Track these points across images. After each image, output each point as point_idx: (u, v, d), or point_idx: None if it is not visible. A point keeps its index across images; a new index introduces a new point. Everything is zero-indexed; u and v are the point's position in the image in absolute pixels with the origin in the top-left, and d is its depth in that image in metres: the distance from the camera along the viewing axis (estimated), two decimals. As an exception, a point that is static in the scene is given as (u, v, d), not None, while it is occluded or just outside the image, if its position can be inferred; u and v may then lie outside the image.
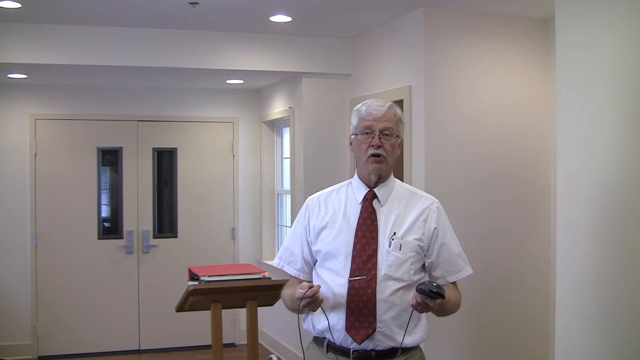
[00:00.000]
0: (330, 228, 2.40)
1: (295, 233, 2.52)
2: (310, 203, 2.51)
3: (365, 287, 2.28)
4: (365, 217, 2.37)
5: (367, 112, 2.38)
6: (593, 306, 2.64)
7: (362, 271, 2.30)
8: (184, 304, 3.73)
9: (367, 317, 2.27)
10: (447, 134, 4.23)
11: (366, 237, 2.34)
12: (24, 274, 6.10)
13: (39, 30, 4.61)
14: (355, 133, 2.42)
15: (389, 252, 2.32)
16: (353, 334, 2.29)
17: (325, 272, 2.39)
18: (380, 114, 2.36)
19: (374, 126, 2.35)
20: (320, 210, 2.46)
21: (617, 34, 2.56)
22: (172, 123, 6.51)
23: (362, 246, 2.32)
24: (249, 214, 6.69)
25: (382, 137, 2.35)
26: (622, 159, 2.52)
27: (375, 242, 2.33)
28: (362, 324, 2.28)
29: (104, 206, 6.42)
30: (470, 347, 4.34)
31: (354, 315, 2.29)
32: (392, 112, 2.39)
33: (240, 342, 6.53)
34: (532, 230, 4.43)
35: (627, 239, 2.50)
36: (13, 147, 6.10)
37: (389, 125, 2.36)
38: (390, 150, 2.37)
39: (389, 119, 2.37)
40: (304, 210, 2.52)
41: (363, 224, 2.36)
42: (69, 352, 6.18)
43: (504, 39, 4.38)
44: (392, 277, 2.30)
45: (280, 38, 5.10)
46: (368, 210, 2.38)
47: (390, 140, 2.37)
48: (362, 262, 2.31)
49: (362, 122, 2.38)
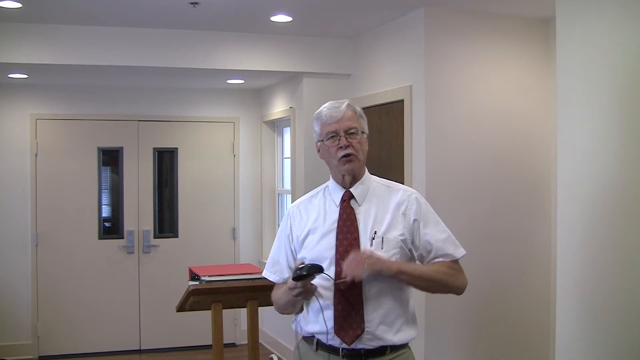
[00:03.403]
0: (313, 234, 2.41)
1: (279, 243, 2.54)
2: (291, 211, 2.53)
3: (350, 288, 2.28)
4: (345, 219, 2.37)
5: (328, 116, 2.38)
6: (593, 305, 2.64)
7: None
8: (185, 304, 3.73)
9: (355, 318, 2.28)
10: (448, 133, 4.22)
11: (347, 238, 2.34)
12: (25, 274, 6.10)
13: (39, 30, 4.61)
14: (320, 140, 2.43)
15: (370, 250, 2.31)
16: (342, 335, 2.29)
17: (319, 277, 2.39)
18: (340, 114, 2.37)
19: (337, 129, 2.36)
20: (302, 217, 2.48)
21: (617, 33, 2.56)
22: (173, 123, 6.51)
23: (345, 248, 2.32)
24: (249, 213, 6.69)
25: (348, 137, 2.36)
26: (622, 160, 2.52)
27: (357, 243, 2.33)
28: (351, 325, 2.28)
29: (105, 206, 6.42)
30: (471, 345, 4.34)
31: (342, 317, 2.29)
32: (352, 110, 2.40)
33: (241, 342, 6.53)
34: (532, 230, 4.43)
35: (626, 238, 2.50)
36: (13, 147, 6.10)
37: (352, 124, 2.37)
38: (359, 147, 2.38)
39: (350, 118, 2.38)
40: (286, 219, 2.54)
41: (343, 225, 2.37)
42: (69, 352, 6.18)
43: (504, 39, 4.37)
44: (377, 277, 2.28)
45: (281, 38, 5.10)
46: (347, 211, 2.38)
47: (357, 137, 2.38)
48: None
49: (325, 127, 2.39)
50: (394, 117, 4.54)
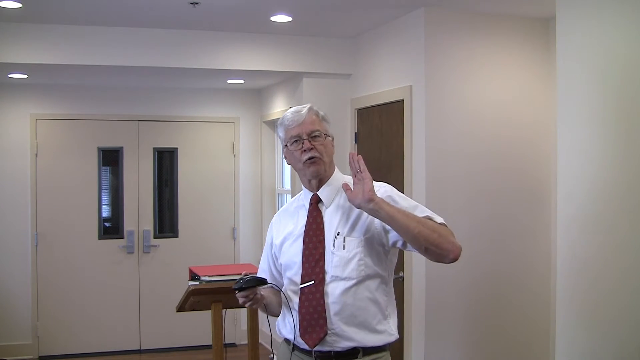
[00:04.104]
0: (288, 240, 2.45)
1: (264, 250, 2.62)
2: (273, 220, 2.59)
3: (314, 291, 2.30)
4: (311, 222, 2.39)
5: (291, 120, 2.38)
6: (593, 307, 2.64)
7: (311, 276, 2.32)
8: (185, 304, 3.73)
9: (317, 321, 2.29)
10: (448, 134, 4.22)
11: (313, 241, 2.35)
12: (25, 274, 6.11)
13: (39, 30, 4.61)
14: (285, 145, 2.43)
15: (333, 253, 2.31)
16: (306, 339, 2.31)
17: (287, 282, 2.44)
18: (302, 118, 2.36)
19: (300, 132, 2.35)
20: (280, 225, 2.52)
21: (617, 33, 2.56)
22: (173, 123, 6.51)
23: (310, 251, 2.34)
24: (249, 213, 6.69)
25: (311, 140, 2.35)
26: (622, 159, 2.52)
27: (322, 246, 2.33)
28: (314, 329, 2.29)
29: (105, 206, 6.42)
30: (471, 348, 4.33)
31: (306, 320, 2.31)
32: (313, 114, 2.40)
33: (241, 342, 6.53)
34: (532, 231, 4.43)
35: (626, 239, 2.50)
36: (14, 147, 6.10)
37: (315, 127, 2.36)
38: (323, 149, 2.37)
39: (313, 122, 2.37)
40: (269, 228, 2.60)
41: (309, 229, 2.38)
42: (69, 352, 6.19)
43: (504, 38, 4.37)
44: (340, 277, 2.29)
45: (281, 38, 5.10)
46: (313, 214, 2.40)
47: (320, 140, 2.36)
48: (310, 267, 2.33)
49: (289, 132, 2.39)
50: (394, 117, 4.54)
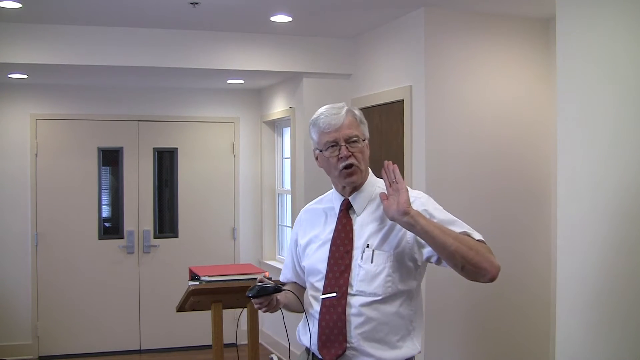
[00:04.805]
0: (313, 243, 2.30)
1: (289, 246, 2.48)
2: (299, 217, 2.42)
3: (335, 304, 2.15)
4: (340, 230, 2.22)
5: (326, 124, 2.17)
6: (593, 307, 2.63)
7: (334, 287, 2.16)
8: (185, 304, 3.73)
9: (337, 337, 2.14)
10: (448, 134, 4.22)
11: (339, 251, 2.19)
12: (25, 274, 6.10)
13: (39, 30, 4.61)
14: (319, 149, 2.22)
15: (360, 266, 2.15)
16: (324, 353, 2.17)
17: (309, 285, 2.32)
18: (340, 122, 2.16)
19: (337, 138, 2.15)
20: (307, 224, 2.37)
21: (617, 33, 2.56)
22: (173, 123, 6.51)
23: (336, 261, 2.18)
24: (249, 214, 6.69)
25: (349, 147, 2.15)
26: (622, 159, 2.52)
27: (349, 256, 2.16)
28: (333, 344, 2.15)
29: (105, 206, 6.42)
30: (471, 348, 4.33)
31: (325, 335, 2.17)
32: (351, 117, 2.20)
33: (241, 342, 6.52)
34: (532, 231, 4.43)
35: (626, 239, 2.50)
36: (13, 147, 6.10)
37: (353, 132, 2.16)
38: (361, 157, 2.18)
39: (351, 125, 2.17)
40: (295, 224, 2.45)
41: (337, 237, 2.21)
42: (69, 352, 6.18)
43: (504, 39, 4.37)
44: (365, 293, 2.13)
45: (281, 38, 5.10)
46: (342, 222, 2.23)
47: (358, 146, 2.17)
48: (334, 278, 2.18)
49: (324, 136, 2.18)
50: (394, 117, 4.54)
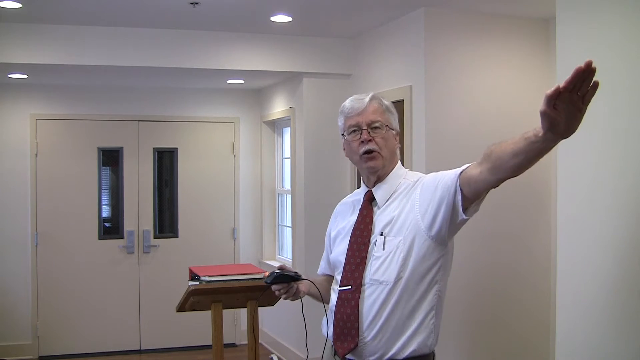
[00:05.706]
0: (340, 235, 2.29)
1: (326, 238, 2.46)
2: (335, 209, 2.42)
3: (349, 298, 2.13)
4: (360, 222, 2.20)
5: (350, 108, 2.19)
6: (593, 304, 2.64)
7: (349, 280, 2.15)
8: (185, 304, 3.73)
9: (350, 331, 2.12)
10: (448, 134, 4.22)
11: (357, 242, 2.17)
12: (25, 274, 6.10)
13: (39, 30, 4.61)
14: (343, 134, 2.24)
15: (375, 255, 2.13)
16: (338, 346, 2.16)
17: (334, 280, 2.31)
18: (363, 106, 2.18)
19: (359, 122, 2.17)
20: (338, 217, 2.37)
21: (617, 33, 2.56)
22: (173, 123, 6.51)
23: (353, 253, 2.17)
24: (249, 214, 6.69)
25: (370, 132, 2.15)
26: (622, 160, 2.52)
27: (366, 249, 2.14)
28: (346, 338, 2.13)
29: (105, 206, 6.42)
30: (472, 344, 4.33)
31: (339, 327, 2.15)
32: (376, 103, 2.20)
33: (241, 342, 6.53)
34: (532, 230, 4.43)
35: (626, 238, 2.50)
36: (13, 147, 6.10)
37: (376, 118, 2.17)
38: (384, 143, 2.17)
39: (375, 111, 2.18)
40: (331, 216, 2.44)
41: (357, 229, 2.20)
42: (69, 352, 6.18)
43: (504, 39, 4.37)
44: (378, 281, 2.10)
45: (281, 38, 5.10)
46: (363, 213, 2.21)
47: (381, 133, 2.17)
48: (350, 270, 2.16)
49: (348, 120, 2.20)
50: (394, 117, 4.54)
